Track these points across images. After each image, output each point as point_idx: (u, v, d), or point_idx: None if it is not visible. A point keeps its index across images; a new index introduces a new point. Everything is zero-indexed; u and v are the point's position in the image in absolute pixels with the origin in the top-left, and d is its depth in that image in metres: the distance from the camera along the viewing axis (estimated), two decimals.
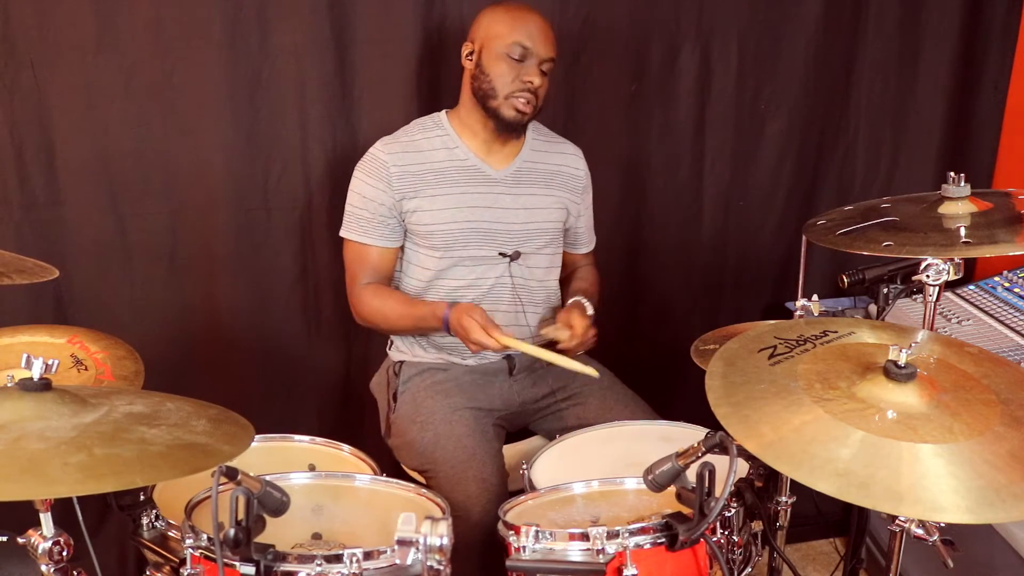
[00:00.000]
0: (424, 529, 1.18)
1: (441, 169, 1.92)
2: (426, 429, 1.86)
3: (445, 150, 1.93)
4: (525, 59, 1.84)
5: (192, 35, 2.00)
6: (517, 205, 1.96)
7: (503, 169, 1.96)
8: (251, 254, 2.19)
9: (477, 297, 1.95)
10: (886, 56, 2.40)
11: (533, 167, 1.99)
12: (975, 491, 1.04)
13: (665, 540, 1.32)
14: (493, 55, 1.85)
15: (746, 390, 1.21)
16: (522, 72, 1.84)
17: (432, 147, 1.93)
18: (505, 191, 1.95)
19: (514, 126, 1.90)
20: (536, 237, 1.99)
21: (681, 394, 2.23)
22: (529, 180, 1.98)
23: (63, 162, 2.02)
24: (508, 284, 1.97)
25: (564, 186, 2.03)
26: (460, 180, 1.92)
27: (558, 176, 2.02)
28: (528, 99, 1.86)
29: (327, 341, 2.29)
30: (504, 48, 1.84)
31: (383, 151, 1.91)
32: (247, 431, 1.27)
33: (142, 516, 1.45)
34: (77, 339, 1.76)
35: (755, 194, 2.46)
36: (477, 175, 1.94)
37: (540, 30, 1.85)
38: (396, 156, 1.90)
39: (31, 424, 1.12)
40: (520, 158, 1.98)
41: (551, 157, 2.02)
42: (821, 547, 2.59)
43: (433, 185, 1.91)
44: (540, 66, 1.86)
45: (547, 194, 2.00)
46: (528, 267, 1.99)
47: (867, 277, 1.74)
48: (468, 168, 1.93)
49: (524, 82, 1.84)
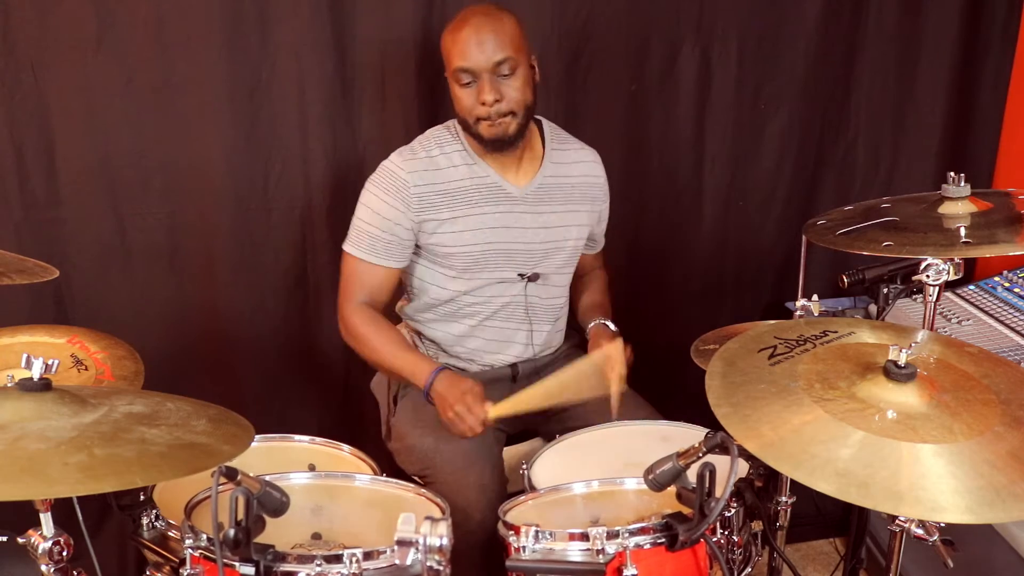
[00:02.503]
0: (424, 529, 1.18)
1: (462, 188, 1.84)
2: (426, 434, 1.84)
3: (465, 167, 1.86)
4: (475, 79, 1.75)
5: (192, 35, 2.00)
6: (538, 224, 1.90)
7: (524, 186, 1.89)
8: (251, 254, 2.18)
9: (488, 314, 1.93)
10: (886, 56, 2.40)
11: (555, 182, 1.92)
12: (975, 491, 1.04)
13: (665, 540, 1.31)
14: (451, 84, 1.79)
15: (746, 390, 1.21)
16: (477, 93, 1.75)
17: (451, 163, 1.85)
18: (527, 210, 1.89)
19: (503, 143, 1.80)
20: (556, 255, 1.94)
21: (681, 394, 2.22)
22: (550, 197, 1.91)
23: (63, 162, 2.02)
24: (522, 303, 1.94)
25: (586, 197, 1.97)
26: (480, 200, 1.85)
27: (579, 188, 1.96)
28: (495, 119, 1.76)
29: (327, 341, 2.29)
30: (453, 77, 1.77)
31: (403, 168, 1.82)
32: (247, 431, 1.28)
33: (142, 516, 1.45)
34: (77, 339, 1.76)
35: (755, 194, 2.46)
36: (498, 193, 1.87)
37: (477, 41, 1.72)
38: (417, 175, 1.81)
39: (31, 424, 1.12)
40: (541, 174, 1.90)
41: (571, 168, 1.95)
42: (821, 547, 2.59)
43: (453, 206, 1.84)
44: (496, 74, 1.74)
45: (568, 210, 1.94)
46: (545, 286, 1.96)
47: (867, 277, 1.73)
48: (489, 186, 1.86)
49: (481, 104, 1.74)
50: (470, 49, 1.73)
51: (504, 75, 1.75)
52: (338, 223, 2.07)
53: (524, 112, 1.79)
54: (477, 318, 1.94)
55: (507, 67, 1.75)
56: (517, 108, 1.78)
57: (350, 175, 2.12)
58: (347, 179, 2.14)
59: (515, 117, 1.78)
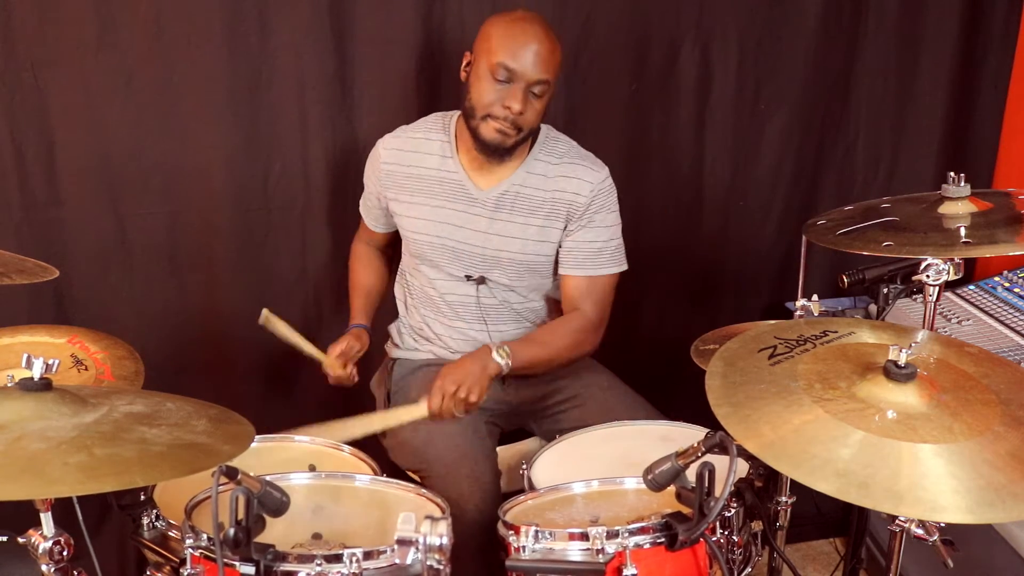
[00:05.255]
0: (424, 529, 1.18)
1: (427, 176, 1.89)
2: (418, 429, 1.85)
3: (439, 158, 1.89)
4: (510, 82, 1.73)
5: (192, 35, 2.00)
6: (492, 230, 1.88)
7: (488, 190, 1.87)
8: (251, 254, 2.18)
9: (445, 306, 1.96)
10: (886, 56, 2.40)
11: (521, 192, 1.87)
12: (975, 491, 1.04)
13: (665, 540, 1.32)
14: (480, 71, 1.76)
15: (746, 390, 1.21)
16: (506, 96, 1.73)
17: (429, 151, 1.90)
18: (483, 213, 1.88)
19: (493, 149, 1.79)
20: (506, 266, 1.91)
21: (681, 394, 2.22)
22: (511, 206, 1.87)
23: (63, 162, 2.02)
24: (475, 303, 1.94)
25: (557, 214, 1.88)
26: (440, 193, 1.89)
27: (551, 203, 1.88)
28: (506, 126, 1.75)
29: (327, 341, 2.28)
30: (489, 67, 1.73)
31: (383, 144, 1.94)
32: (247, 431, 1.27)
33: (142, 516, 1.45)
34: (77, 339, 1.76)
35: (755, 194, 2.46)
36: (459, 191, 1.88)
37: (534, 51, 1.72)
38: (390, 152, 1.92)
39: (31, 424, 1.12)
40: (510, 181, 1.87)
41: (549, 182, 1.88)
42: (821, 547, 2.59)
43: (414, 191, 1.91)
44: (530, 89, 1.74)
45: (528, 224, 1.88)
46: (498, 292, 1.94)
47: (867, 277, 1.73)
48: (452, 182, 1.88)
49: (504, 107, 1.73)
50: (525, 54, 1.72)
51: (535, 95, 1.76)
52: (338, 223, 2.07)
53: (528, 134, 1.82)
54: (439, 309, 1.98)
55: (540, 89, 1.76)
56: (527, 128, 1.79)
57: (350, 175, 2.12)
58: (347, 179, 2.14)
59: (520, 135, 1.79)
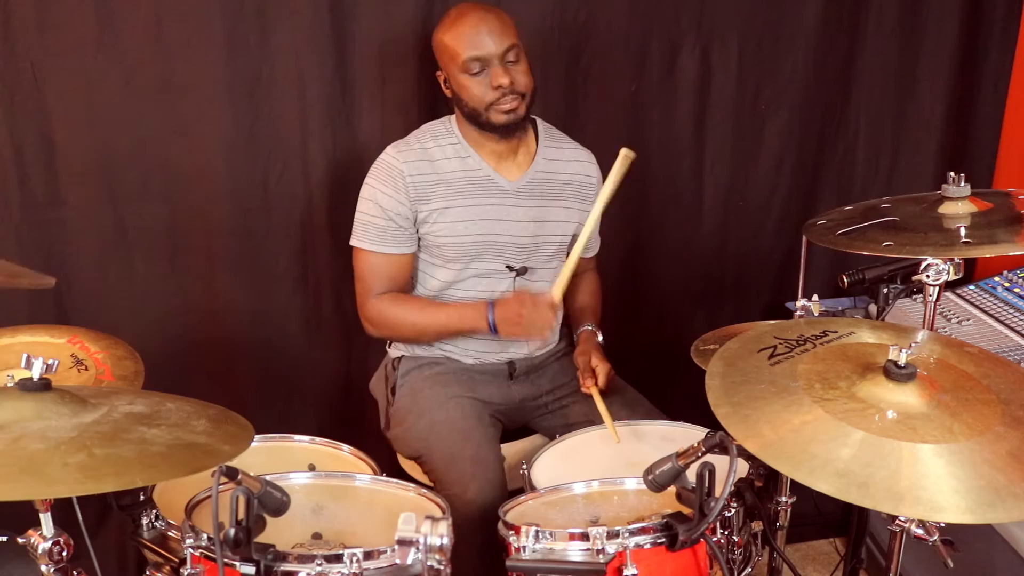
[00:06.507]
0: (424, 529, 1.18)
1: (454, 180, 1.89)
2: (422, 416, 1.87)
3: (458, 159, 1.90)
4: (485, 68, 1.80)
5: (192, 35, 2.00)
6: (528, 218, 1.93)
7: (516, 180, 1.93)
8: (251, 254, 2.18)
9: None
10: (886, 56, 2.40)
11: (546, 177, 1.96)
12: (975, 491, 1.04)
13: (665, 540, 1.32)
14: (458, 78, 1.83)
15: (746, 390, 1.21)
16: (490, 80, 1.80)
17: (444, 156, 1.90)
18: (517, 203, 1.92)
19: (513, 127, 1.86)
20: (545, 249, 1.97)
21: (681, 394, 2.22)
22: (541, 191, 1.95)
23: (63, 162, 2.02)
24: None
25: (576, 195, 1.99)
26: (473, 191, 1.90)
27: (571, 185, 1.98)
28: (510, 99, 1.81)
29: (327, 341, 2.29)
30: (462, 68, 1.81)
31: (398, 159, 1.87)
32: (247, 431, 1.28)
33: (142, 516, 1.45)
34: (77, 339, 1.76)
35: (755, 194, 2.46)
36: (490, 186, 1.91)
37: (487, 30, 1.79)
38: (411, 165, 1.87)
39: (31, 424, 1.12)
40: (533, 168, 1.94)
41: (564, 166, 1.98)
42: (821, 547, 2.59)
43: (446, 197, 1.88)
44: (504, 60, 1.80)
45: (559, 205, 1.97)
46: (533, 281, 1.97)
47: (867, 277, 1.73)
48: (481, 179, 1.90)
49: (495, 88, 1.80)
50: (480, 38, 1.79)
51: (511, 61, 1.82)
52: (338, 223, 2.07)
53: (530, 95, 1.86)
54: None
55: (513, 54, 1.82)
56: (526, 90, 1.85)
57: (350, 175, 2.11)
58: (347, 179, 2.13)
59: (524, 99, 1.85)
